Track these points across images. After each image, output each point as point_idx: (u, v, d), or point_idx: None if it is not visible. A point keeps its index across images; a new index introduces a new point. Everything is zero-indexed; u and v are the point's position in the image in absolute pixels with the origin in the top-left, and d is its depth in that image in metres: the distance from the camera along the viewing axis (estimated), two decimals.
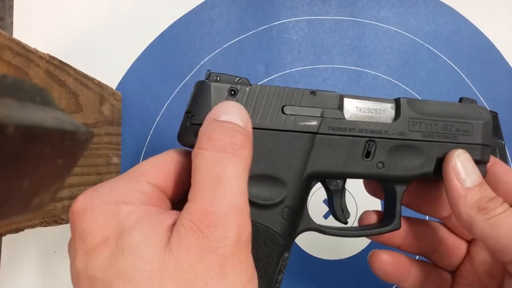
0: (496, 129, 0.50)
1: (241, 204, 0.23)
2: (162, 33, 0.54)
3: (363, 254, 0.51)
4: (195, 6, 0.54)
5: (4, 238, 0.51)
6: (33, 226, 0.35)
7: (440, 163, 0.32)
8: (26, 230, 0.34)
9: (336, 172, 0.30)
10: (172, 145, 0.28)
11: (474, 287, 0.36)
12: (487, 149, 0.33)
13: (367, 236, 0.34)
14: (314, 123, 0.29)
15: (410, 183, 0.33)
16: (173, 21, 0.54)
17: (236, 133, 0.24)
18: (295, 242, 0.50)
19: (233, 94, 0.28)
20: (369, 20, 0.54)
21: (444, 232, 0.37)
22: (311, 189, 0.31)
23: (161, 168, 0.26)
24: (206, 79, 0.28)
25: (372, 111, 0.31)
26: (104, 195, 0.24)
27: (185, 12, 0.54)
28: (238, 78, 0.29)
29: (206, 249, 0.21)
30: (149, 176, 0.25)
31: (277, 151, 0.29)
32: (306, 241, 0.51)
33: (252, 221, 0.24)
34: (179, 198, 0.27)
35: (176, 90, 0.53)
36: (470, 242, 0.37)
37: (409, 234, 0.37)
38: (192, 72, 0.53)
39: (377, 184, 0.36)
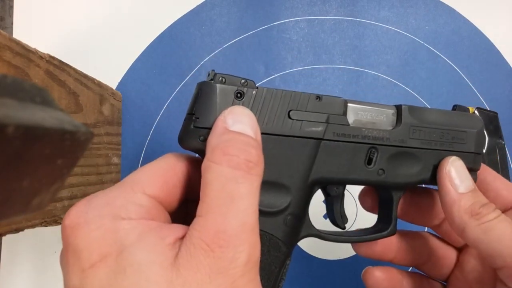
0: (496, 129, 0.50)
1: (253, 223, 0.22)
2: (162, 33, 0.54)
3: None
4: (195, 6, 0.54)
5: (4, 238, 0.51)
6: (33, 226, 0.35)
7: (436, 170, 0.32)
8: (26, 230, 0.34)
9: (339, 179, 0.30)
10: (172, 145, 0.28)
11: None
12: (479, 157, 0.33)
13: (365, 241, 0.34)
14: (320, 129, 0.29)
15: (406, 190, 0.33)
16: (173, 21, 0.54)
17: (251, 148, 0.24)
18: None
19: (239, 97, 0.27)
20: (369, 20, 0.54)
21: (434, 242, 0.37)
22: (313, 195, 0.30)
23: (157, 175, 0.25)
24: (211, 80, 0.27)
25: (374, 117, 0.31)
26: (98, 208, 0.23)
27: (185, 12, 0.54)
28: (244, 80, 0.27)
29: (216, 270, 0.21)
30: (146, 185, 0.24)
31: (283, 157, 0.28)
32: (306, 241, 0.51)
33: None
34: (177, 207, 0.26)
35: (176, 90, 0.53)
36: (460, 251, 0.37)
37: (401, 247, 0.37)
38: (192, 72, 0.53)
39: (374, 201, 0.36)
